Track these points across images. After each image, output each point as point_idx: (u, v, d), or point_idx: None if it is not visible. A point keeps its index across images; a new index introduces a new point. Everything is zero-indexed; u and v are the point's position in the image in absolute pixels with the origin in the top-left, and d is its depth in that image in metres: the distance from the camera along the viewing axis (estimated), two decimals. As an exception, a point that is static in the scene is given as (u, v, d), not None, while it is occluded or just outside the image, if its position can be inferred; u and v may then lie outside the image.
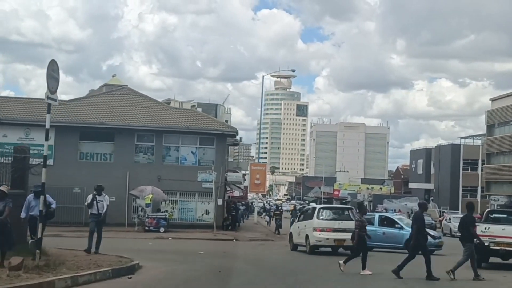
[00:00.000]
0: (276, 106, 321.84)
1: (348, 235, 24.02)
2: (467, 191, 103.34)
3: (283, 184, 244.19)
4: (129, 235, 40.86)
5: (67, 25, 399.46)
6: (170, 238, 39.39)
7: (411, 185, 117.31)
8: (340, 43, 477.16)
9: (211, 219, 46.19)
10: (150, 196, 43.46)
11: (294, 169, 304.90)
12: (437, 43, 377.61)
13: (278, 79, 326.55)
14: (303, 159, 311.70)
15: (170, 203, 46.84)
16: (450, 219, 56.20)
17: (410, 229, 30.98)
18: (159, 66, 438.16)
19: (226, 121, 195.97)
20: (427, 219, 59.25)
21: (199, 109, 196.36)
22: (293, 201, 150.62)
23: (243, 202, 79.55)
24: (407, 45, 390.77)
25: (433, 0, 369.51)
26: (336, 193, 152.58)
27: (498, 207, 78.71)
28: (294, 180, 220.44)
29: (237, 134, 49.31)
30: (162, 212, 44.51)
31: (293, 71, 64.90)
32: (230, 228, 47.77)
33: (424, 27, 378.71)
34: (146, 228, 43.44)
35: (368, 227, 32.55)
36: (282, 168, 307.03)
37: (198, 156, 46.98)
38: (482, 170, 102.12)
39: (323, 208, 29.96)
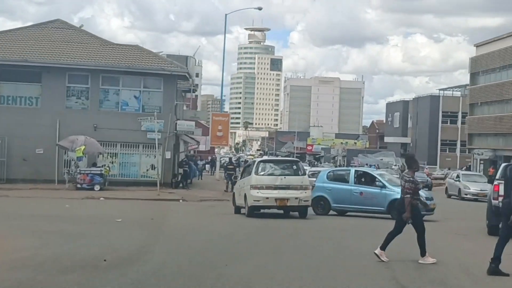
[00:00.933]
0: (250, 60, 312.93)
1: (293, 193, 21.94)
2: (446, 145, 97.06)
3: (256, 140, 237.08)
4: (55, 194, 33.62)
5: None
6: (101, 198, 32.30)
7: (387, 139, 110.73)
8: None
9: (157, 175, 38.89)
10: (82, 148, 35.93)
11: (268, 124, 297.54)
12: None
13: (252, 32, 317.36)
14: (277, 114, 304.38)
15: (108, 157, 39.32)
16: (458, 176, 44.87)
17: (393, 188, 24.42)
18: (131, 19, 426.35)
19: (197, 74, 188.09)
20: (421, 177, 49.43)
21: (169, 60, 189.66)
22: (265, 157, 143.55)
23: (208, 158, 72.17)
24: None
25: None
26: (309, 148, 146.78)
27: (482, 162, 72.14)
28: (267, 135, 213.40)
29: (190, 77, 41.60)
30: (98, 167, 37.00)
31: (260, 9, 57.76)
32: (181, 186, 40.46)
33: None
34: (78, 185, 36.11)
35: (341, 185, 26.19)
36: (256, 124, 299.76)
37: (142, 101, 39.36)
38: (462, 123, 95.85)
39: (263, 161, 24.55)
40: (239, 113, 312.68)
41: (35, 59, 38.06)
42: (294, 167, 23.11)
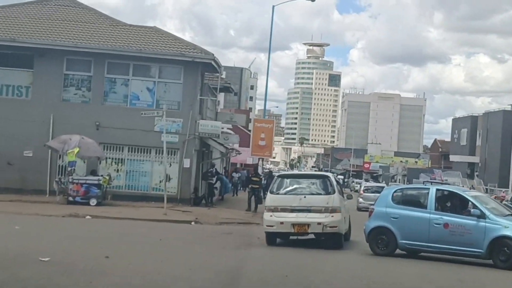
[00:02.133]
0: (308, 76, 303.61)
1: (314, 217, 17.02)
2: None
3: (311, 156, 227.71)
4: (35, 208, 26.00)
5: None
6: (88, 217, 24.32)
7: (453, 158, 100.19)
8: (377, 15, 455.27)
9: (173, 189, 30.65)
10: (76, 150, 28.00)
11: (324, 141, 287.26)
12: (476, 17, 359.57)
13: (311, 47, 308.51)
14: (334, 131, 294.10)
15: (113, 163, 31.13)
16: None
17: (498, 220, 15.48)
18: (192, 34, 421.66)
19: (252, 86, 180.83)
20: None
21: (224, 72, 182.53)
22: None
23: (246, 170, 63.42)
24: (445, 18, 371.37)
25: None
26: (366, 165, 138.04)
27: None
28: (323, 152, 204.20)
29: (219, 67, 33.12)
30: (95, 176, 28.83)
31: (313, 0, 49.55)
32: (204, 202, 32.02)
33: (462, 1, 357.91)
34: (70, 198, 28.06)
35: (415, 211, 15.38)
36: (312, 140, 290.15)
37: (156, 94, 31.08)
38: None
39: (283, 176, 19.34)
40: (295, 128, 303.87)
41: (25, 38, 30.18)
42: (320, 184, 17.94)
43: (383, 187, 51.41)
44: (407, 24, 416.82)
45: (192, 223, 24.96)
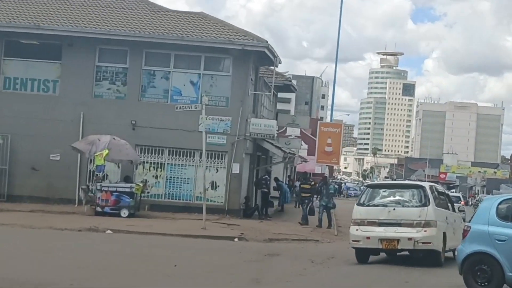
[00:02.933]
0: (381, 85, 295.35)
1: (404, 232, 14.89)
2: None
3: (384, 167, 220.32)
4: (54, 220, 21.48)
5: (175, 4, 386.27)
6: (108, 231, 19.94)
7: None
8: (452, 24, 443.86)
9: (219, 198, 26.06)
10: (105, 152, 23.72)
11: (398, 151, 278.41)
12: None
13: (384, 56, 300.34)
14: (407, 141, 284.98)
15: (151, 168, 26.68)
16: None
17: None
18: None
19: (323, 96, 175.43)
20: None
21: (294, 82, 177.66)
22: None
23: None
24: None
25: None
26: (442, 176, 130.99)
27: None
28: (396, 162, 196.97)
29: (276, 57, 28.26)
30: (127, 183, 24.44)
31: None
32: (257, 214, 27.26)
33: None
34: (98, 209, 23.79)
35: None
36: (385, 150, 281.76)
37: (201, 88, 26.49)
38: None
39: (372, 186, 17.34)
40: (368, 139, 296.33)
41: (52, 25, 26.11)
42: (413, 194, 15.71)
43: (458, 197, 47.22)
44: (483, 33, 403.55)
45: (235, 239, 20.26)
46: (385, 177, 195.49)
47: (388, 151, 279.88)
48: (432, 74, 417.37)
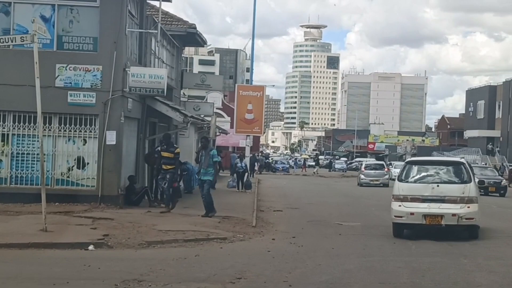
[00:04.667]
0: (306, 59, 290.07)
1: (449, 208, 15.08)
2: (549, 139, 73.60)
3: (312, 139, 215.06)
4: None
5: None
6: None
7: (470, 133, 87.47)
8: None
9: (91, 180, 18.18)
10: None
11: (325, 124, 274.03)
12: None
13: (308, 29, 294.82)
14: (334, 114, 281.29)
15: (-9, 141, 18.54)
16: None
17: None
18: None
19: (248, 69, 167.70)
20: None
21: (217, 55, 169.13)
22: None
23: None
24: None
25: None
26: (371, 146, 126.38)
27: None
28: (324, 135, 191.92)
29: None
30: None
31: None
32: (148, 200, 19.42)
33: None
34: None
35: None
36: (312, 124, 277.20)
37: (57, 27, 18.36)
38: None
39: (412, 162, 16.74)
40: (295, 113, 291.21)
41: None
42: (455, 171, 15.64)
43: (382, 164, 48.51)
44: (403, 5, 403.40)
45: (90, 247, 12.42)
46: (313, 150, 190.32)
47: (316, 124, 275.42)
48: (355, 47, 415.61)
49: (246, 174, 28.87)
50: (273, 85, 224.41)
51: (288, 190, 36.52)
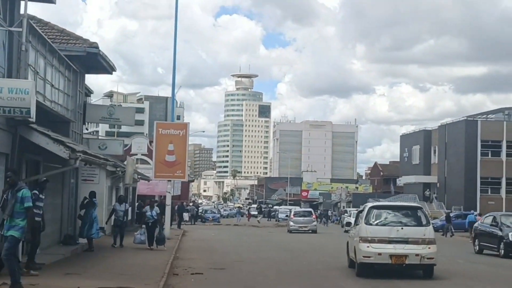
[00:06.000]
0: (238, 107, 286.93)
1: (412, 249, 16.28)
2: (487, 184, 70.48)
3: (244, 188, 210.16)
4: None
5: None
6: None
7: (406, 179, 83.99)
8: (302, 49, 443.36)
9: None
10: None
11: (257, 172, 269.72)
12: (397, 48, 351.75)
13: (239, 79, 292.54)
14: (266, 162, 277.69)
15: None
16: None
17: None
18: (119, 73, 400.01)
19: (178, 117, 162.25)
20: None
21: (147, 102, 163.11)
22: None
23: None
24: (367, 50, 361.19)
25: (393, 5, 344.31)
26: (304, 194, 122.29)
27: None
28: (256, 183, 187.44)
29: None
30: None
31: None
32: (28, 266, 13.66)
33: (384, 32, 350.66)
34: None
35: None
36: (245, 172, 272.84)
37: None
38: (508, 155, 69.77)
39: (376, 207, 17.69)
40: (227, 161, 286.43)
41: None
42: (416, 215, 17.03)
43: (310, 211, 49.35)
44: (331, 56, 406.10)
45: None
46: (246, 198, 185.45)
47: (248, 172, 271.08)
48: (286, 97, 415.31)
49: (158, 226, 23.32)
50: (203, 131, 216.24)
51: (216, 243, 31.19)
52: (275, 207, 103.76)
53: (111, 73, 24.08)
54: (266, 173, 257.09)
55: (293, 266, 19.58)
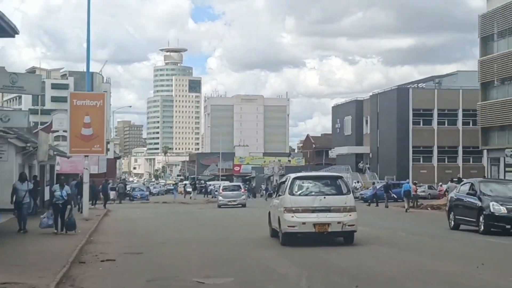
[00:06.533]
0: (167, 83, 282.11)
1: (335, 217, 17.02)
2: (419, 153, 70.15)
3: (176, 165, 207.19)
4: None
5: None
6: None
7: (338, 150, 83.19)
8: (231, 22, 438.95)
9: None
10: None
11: (189, 148, 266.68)
12: (326, 21, 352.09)
13: (168, 53, 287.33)
14: (198, 138, 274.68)
15: None
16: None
17: None
18: (44, 50, 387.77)
19: (105, 91, 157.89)
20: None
21: (71, 78, 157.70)
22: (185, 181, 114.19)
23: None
24: (296, 23, 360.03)
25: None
26: (237, 168, 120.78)
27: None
28: (188, 159, 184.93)
29: None
30: None
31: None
32: None
33: (313, 5, 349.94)
34: None
35: None
36: (176, 149, 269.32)
37: None
38: (439, 124, 69.52)
39: (299, 178, 18.15)
40: (158, 138, 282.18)
41: None
42: (337, 184, 17.73)
43: (239, 185, 50.43)
44: (261, 30, 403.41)
45: None
46: (178, 175, 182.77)
47: (179, 149, 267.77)
48: (216, 72, 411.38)
49: (69, 208, 20.77)
50: (130, 106, 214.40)
51: (140, 223, 28.89)
52: (207, 182, 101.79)
53: (14, 36, 21.28)
54: (198, 149, 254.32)
55: (218, 246, 17.54)
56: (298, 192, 17.35)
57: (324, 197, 17.09)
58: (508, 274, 11.95)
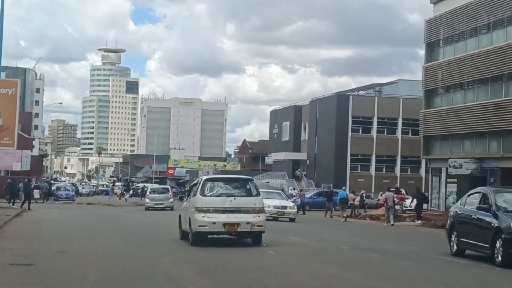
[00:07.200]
0: (104, 83, 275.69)
1: (244, 217, 17.53)
2: (357, 161, 68.40)
3: (109, 166, 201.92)
4: None
5: None
6: None
7: (275, 156, 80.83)
8: (172, 26, 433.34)
9: None
10: None
11: (124, 149, 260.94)
12: (266, 29, 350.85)
13: (106, 53, 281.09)
14: (133, 139, 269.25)
15: None
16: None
17: None
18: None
19: (38, 89, 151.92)
20: None
21: (3, 73, 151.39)
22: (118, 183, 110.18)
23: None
24: (237, 29, 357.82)
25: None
26: (171, 171, 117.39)
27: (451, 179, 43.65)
28: (122, 160, 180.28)
29: None
30: None
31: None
32: None
33: (253, 12, 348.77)
34: None
35: None
36: (111, 150, 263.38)
37: None
38: (378, 132, 67.96)
39: (211, 179, 18.88)
40: (93, 138, 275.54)
41: None
42: (247, 186, 18.16)
43: (167, 188, 50.31)
44: (201, 35, 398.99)
45: None
46: (111, 176, 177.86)
47: (114, 150, 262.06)
48: (155, 74, 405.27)
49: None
50: (61, 103, 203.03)
51: (52, 226, 25.73)
52: (139, 185, 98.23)
53: None
54: (133, 150, 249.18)
55: (134, 258, 14.70)
56: (210, 193, 17.66)
57: (235, 198, 17.53)
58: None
